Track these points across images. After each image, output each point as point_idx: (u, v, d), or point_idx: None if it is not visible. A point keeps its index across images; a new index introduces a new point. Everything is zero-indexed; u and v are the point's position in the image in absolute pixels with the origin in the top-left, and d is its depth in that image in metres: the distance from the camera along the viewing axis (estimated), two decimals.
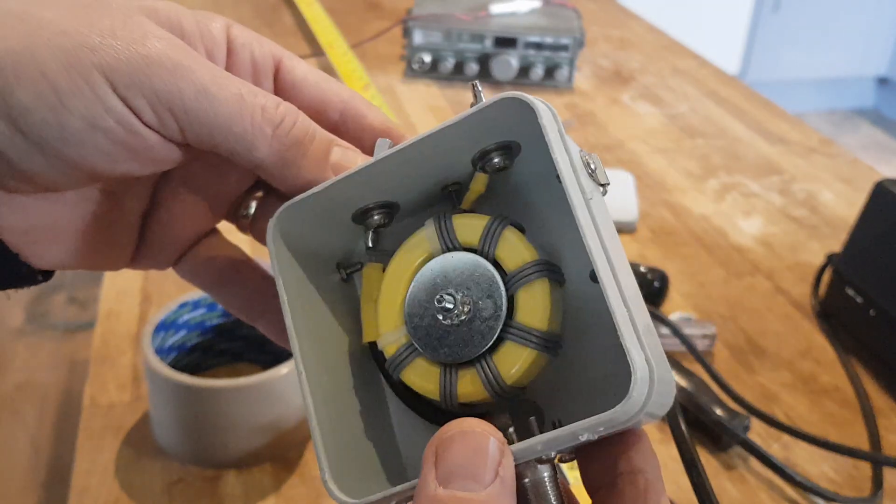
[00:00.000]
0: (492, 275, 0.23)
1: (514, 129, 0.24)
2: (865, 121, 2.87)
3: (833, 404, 0.50)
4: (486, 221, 0.23)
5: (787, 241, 0.67)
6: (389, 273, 0.24)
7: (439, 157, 0.24)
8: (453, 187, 0.25)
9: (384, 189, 0.25)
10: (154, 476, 0.42)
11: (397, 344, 0.24)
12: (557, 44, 0.89)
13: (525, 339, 0.22)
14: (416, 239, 0.24)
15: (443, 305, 0.23)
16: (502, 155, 0.24)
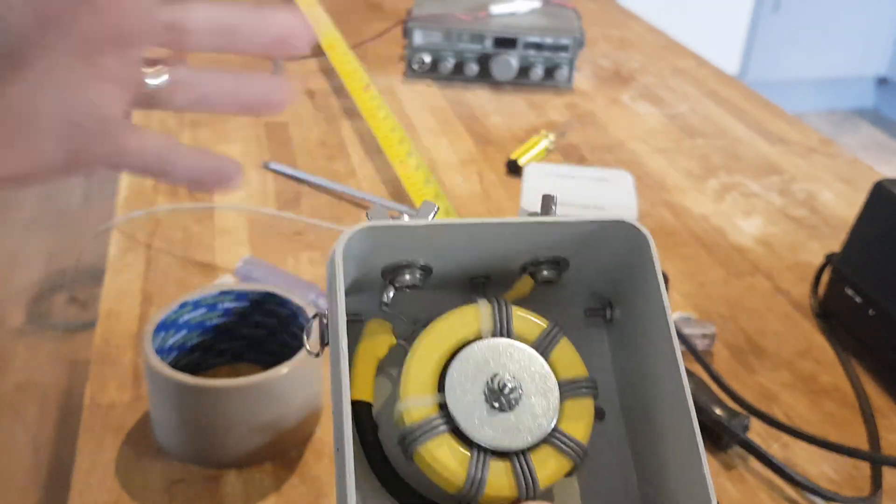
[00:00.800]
0: (549, 375, 0.22)
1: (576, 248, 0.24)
2: (865, 121, 2.87)
3: (832, 404, 0.50)
4: (547, 325, 0.23)
5: (787, 241, 0.67)
6: (429, 337, 0.23)
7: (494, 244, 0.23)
8: (482, 279, 0.25)
9: (427, 253, 0.24)
10: (155, 475, 0.42)
11: (425, 412, 0.22)
12: (557, 44, 0.89)
13: (568, 449, 0.22)
14: (466, 312, 0.23)
15: (498, 387, 0.22)
16: (553, 269, 0.24)
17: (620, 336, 0.25)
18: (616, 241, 0.23)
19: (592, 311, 0.25)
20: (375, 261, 0.24)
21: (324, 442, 0.45)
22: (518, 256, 0.24)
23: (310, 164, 0.74)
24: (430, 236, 0.23)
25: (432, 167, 0.75)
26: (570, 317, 0.25)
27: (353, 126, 0.81)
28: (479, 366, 0.22)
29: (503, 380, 0.22)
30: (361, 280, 0.24)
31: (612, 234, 0.23)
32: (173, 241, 0.61)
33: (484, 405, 0.22)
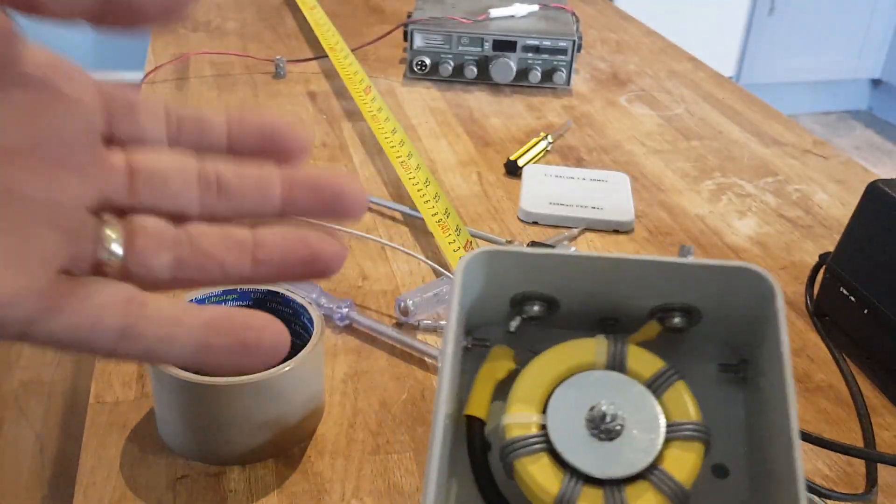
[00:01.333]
0: (657, 415, 0.23)
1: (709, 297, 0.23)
2: (859, 122, 2.88)
3: (827, 402, 0.51)
4: (663, 365, 0.23)
5: (782, 242, 0.68)
6: (543, 360, 0.24)
7: (624, 284, 0.24)
8: (610, 321, 0.25)
9: (558, 286, 0.24)
10: (159, 472, 0.43)
11: (526, 429, 0.23)
12: (556, 47, 0.90)
13: (667, 488, 0.22)
14: (583, 343, 0.24)
15: (599, 416, 0.22)
16: (684, 316, 0.24)
17: (754, 394, 0.24)
18: (746, 290, 0.23)
19: (725, 366, 0.25)
20: (506, 289, 0.25)
21: (326, 439, 0.45)
22: (647, 299, 0.24)
23: (311, 165, 0.74)
24: (557, 268, 0.24)
25: (432, 168, 0.75)
26: (703, 370, 0.25)
27: (354, 127, 0.82)
28: (584, 394, 0.23)
29: (605, 410, 0.22)
30: (493, 307, 0.25)
31: (742, 282, 0.23)
32: None
33: (584, 432, 0.22)
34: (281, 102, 0.87)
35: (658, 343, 0.25)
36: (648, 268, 0.23)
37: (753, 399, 0.24)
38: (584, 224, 0.67)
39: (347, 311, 0.53)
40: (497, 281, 0.24)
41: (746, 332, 0.24)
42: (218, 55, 0.97)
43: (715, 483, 0.23)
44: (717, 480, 0.23)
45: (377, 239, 0.62)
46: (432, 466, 0.21)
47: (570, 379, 0.23)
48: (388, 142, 0.74)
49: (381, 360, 0.51)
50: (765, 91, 2.10)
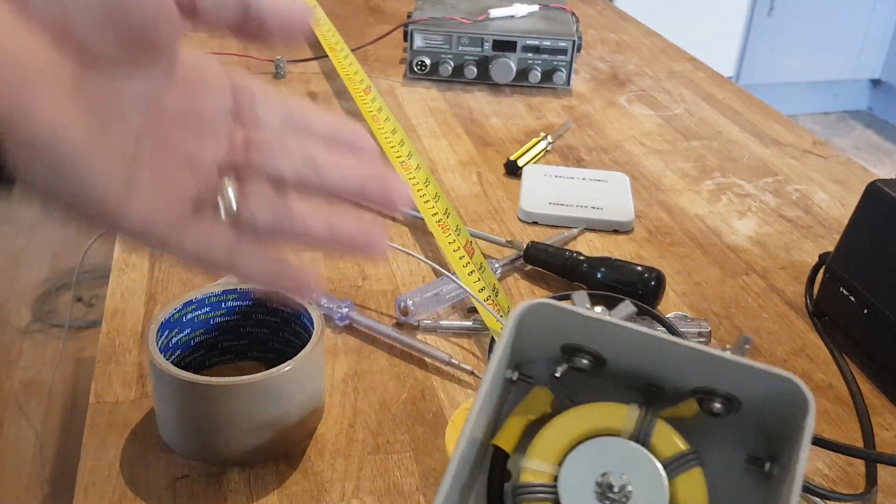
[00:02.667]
0: (664, 494, 0.23)
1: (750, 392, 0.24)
2: (859, 122, 2.88)
3: (827, 402, 0.51)
4: (686, 448, 0.24)
5: (781, 242, 0.68)
6: (573, 414, 0.25)
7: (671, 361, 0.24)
8: (655, 389, 0.26)
9: (608, 346, 0.25)
10: (159, 472, 0.43)
11: (540, 476, 0.24)
12: (555, 47, 0.90)
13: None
14: (615, 408, 0.25)
15: (607, 484, 0.23)
16: (724, 403, 0.25)
17: (774, 491, 0.25)
18: (784, 396, 0.24)
19: (753, 459, 0.25)
20: (561, 338, 0.26)
21: (326, 439, 0.46)
22: (692, 380, 0.25)
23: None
24: (609, 333, 0.25)
25: (432, 168, 0.75)
26: (729, 459, 0.26)
27: None
28: (601, 458, 0.24)
29: (614, 480, 0.23)
30: (545, 349, 0.26)
31: (782, 388, 0.24)
32: None
33: (591, 494, 0.23)
34: None
35: (692, 423, 0.25)
36: (694, 355, 0.24)
37: (772, 493, 0.25)
38: (583, 224, 0.67)
39: (347, 311, 0.53)
40: (552, 328, 0.25)
41: (779, 432, 0.25)
42: (218, 55, 0.97)
43: None
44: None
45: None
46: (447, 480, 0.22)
47: (593, 440, 0.24)
48: (388, 142, 0.74)
49: (381, 360, 0.51)
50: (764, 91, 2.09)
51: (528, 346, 0.26)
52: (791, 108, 2.81)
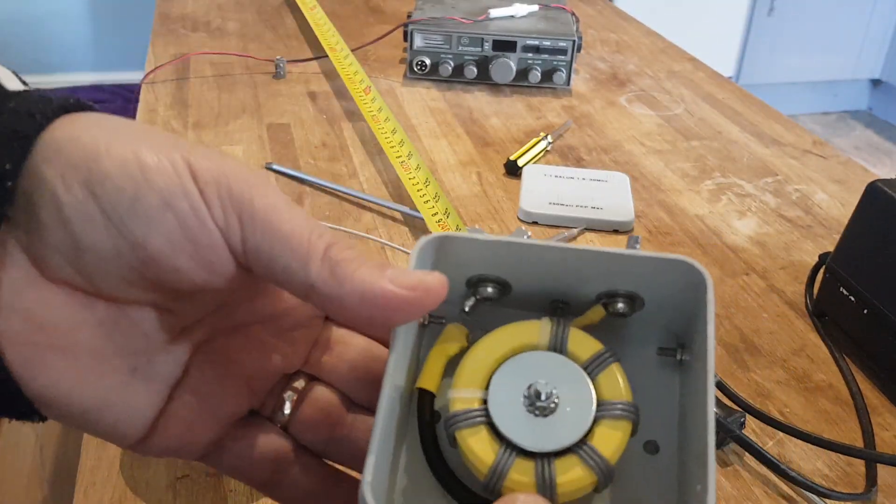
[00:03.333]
0: (589, 393, 0.24)
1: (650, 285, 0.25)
2: (859, 122, 2.88)
3: (827, 402, 0.51)
4: (601, 348, 0.25)
5: (781, 241, 0.68)
6: (489, 340, 0.25)
7: (572, 271, 0.25)
8: (561, 304, 0.27)
9: (510, 271, 0.26)
10: (159, 472, 0.43)
11: (468, 403, 0.24)
12: (555, 47, 0.90)
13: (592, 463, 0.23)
14: (528, 325, 0.25)
15: (535, 394, 0.24)
16: (627, 303, 0.26)
17: (687, 376, 0.26)
18: (683, 281, 0.25)
19: (664, 350, 0.27)
20: (463, 271, 0.26)
21: None
22: (595, 286, 0.26)
23: (311, 165, 0.75)
24: (509, 254, 0.25)
25: (432, 168, 0.75)
26: (643, 355, 0.27)
27: (354, 127, 0.82)
28: (524, 372, 0.24)
29: (541, 388, 0.24)
30: (451, 289, 0.26)
31: (679, 274, 0.25)
32: None
33: (521, 408, 0.24)
34: (281, 103, 0.87)
35: (603, 327, 0.26)
36: (594, 257, 0.25)
37: (686, 381, 0.26)
38: (583, 224, 0.67)
39: None
40: (454, 263, 0.26)
41: (684, 320, 0.26)
42: (218, 55, 0.97)
43: (646, 458, 0.25)
44: (648, 456, 0.25)
45: (377, 239, 0.62)
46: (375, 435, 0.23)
47: (513, 359, 0.25)
48: (388, 142, 0.74)
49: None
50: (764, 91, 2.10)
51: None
52: (791, 108, 2.82)
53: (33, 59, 2.59)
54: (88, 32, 2.63)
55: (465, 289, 0.27)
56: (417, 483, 0.25)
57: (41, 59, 2.60)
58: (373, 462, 0.22)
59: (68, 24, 2.59)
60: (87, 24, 2.62)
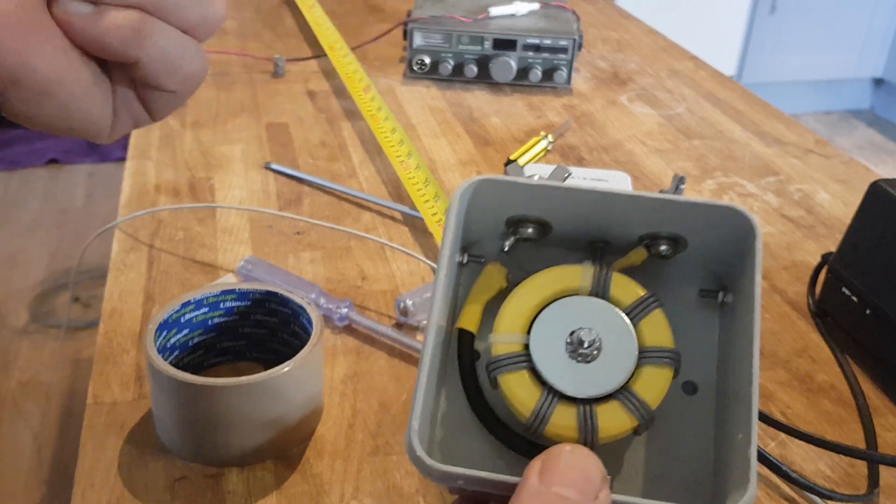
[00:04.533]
0: (632, 339, 0.24)
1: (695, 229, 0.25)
2: (861, 122, 2.88)
3: (829, 403, 0.51)
4: (644, 294, 0.25)
5: (783, 241, 0.67)
6: (531, 284, 0.25)
7: (615, 213, 0.25)
8: (601, 244, 0.27)
9: (551, 211, 0.26)
10: (157, 473, 0.43)
11: (511, 348, 0.24)
12: (556, 46, 0.90)
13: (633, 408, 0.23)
14: (570, 269, 0.25)
15: (578, 340, 0.24)
16: (670, 245, 0.26)
17: (729, 320, 0.26)
18: (730, 227, 0.25)
19: (706, 292, 0.27)
20: (503, 211, 0.26)
21: (325, 440, 0.45)
22: (637, 228, 0.26)
23: (311, 164, 0.74)
24: (552, 197, 0.25)
25: (432, 168, 0.75)
26: (684, 296, 0.27)
27: (353, 127, 0.82)
28: (566, 318, 0.25)
29: (584, 335, 0.24)
30: (490, 226, 0.26)
31: (726, 219, 0.25)
32: (175, 241, 0.62)
33: (564, 353, 0.24)
34: (280, 102, 0.86)
35: (644, 268, 0.26)
36: (639, 202, 0.25)
37: (727, 323, 0.26)
38: None
39: (347, 312, 0.53)
40: (495, 204, 0.26)
41: (727, 263, 0.26)
42: (216, 54, 0.96)
43: (684, 398, 0.26)
44: (686, 396, 0.26)
45: (377, 239, 0.62)
46: (421, 381, 0.23)
47: (555, 303, 0.25)
48: (387, 141, 0.73)
49: (381, 360, 0.51)
50: (766, 90, 2.09)
51: (474, 226, 0.27)
52: (793, 108, 2.81)
53: None
54: None
55: (504, 228, 0.27)
56: (457, 424, 0.25)
57: None
58: (419, 409, 0.23)
59: None
60: None
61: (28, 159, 2.19)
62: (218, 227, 0.64)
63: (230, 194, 0.69)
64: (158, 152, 0.75)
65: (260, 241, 0.62)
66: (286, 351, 0.48)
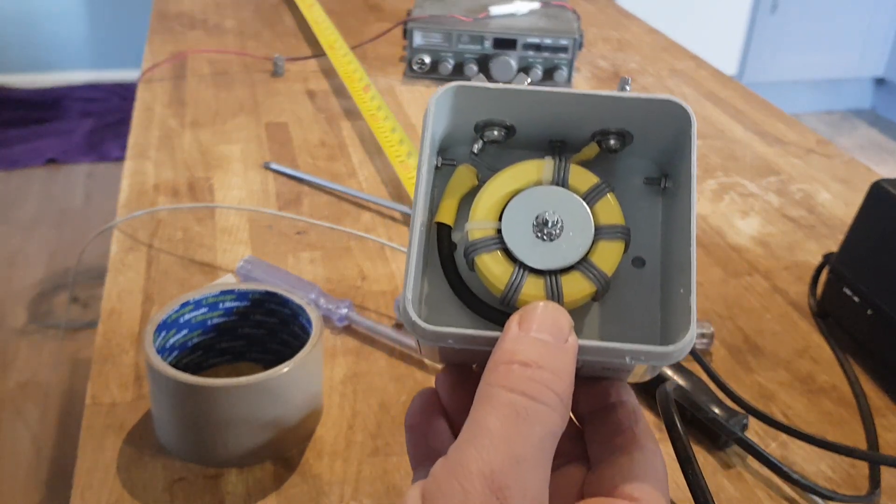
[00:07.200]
0: (588, 219, 0.28)
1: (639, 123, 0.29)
2: (862, 121, 2.87)
3: (830, 403, 0.50)
4: (598, 181, 0.29)
5: (785, 241, 0.67)
6: (501, 177, 0.29)
7: (570, 114, 0.29)
8: (558, 143, 0.30)
9: (515, 115, 0.30)
10: (156, 474, 0.43)
11: (485, 232, 0.28)
12: (556, 45, 0.89)
13: (592, 276, 0.27)
14: (533, 164, 0.29)
15: (542, 221, 0.28)
16: (618, 139, 0.29)
17: (671, 202, 0.30)
18: (669, 119, 0.28)
19: (650, 180, 0.31)
20: (471, 117, 0.30)
21: (324, 441, 0.45)
22: (590, 125, 0.30)
23: (310, 164, 0.74)
24: (515, 100, 0.29)
25: None
26: (632, 184, 0.31)
27: (353, 126, 0.81)
28: (532, 204, 0.28)
29: (548, 217, 0.28)
30: (460, 133, 0.30)
31: (666, 111, 0.28)
32: (174, 241, 0.62)
33: (531, 234, 0.28)
34: (279, 101, 0.86)
35: (598, 162, 0.30)
36: (589, 100, 0.28)
37: (669, 204, 0.30)
38: None
39: (346, 312, 0.53)
40: (464, 111, 0.29)
41: (668, 152, 0.30)
42: (216, 53, 0.96)
43: (634, 271, 0.30)
44: (636, 270, 0.30)
45: (377, 239, 0.62)
46: (412, 258, 0.26)
47: (522, 193, 0.29)
48: (387, 141, 0.73)
49: (381, 361, 0.51)
50: (767, 90, 2.09)
51: (447, 133, 0.30)
52: (794, 107, 2.81)
53: (30, 57, 2.59)
54: (85, 30, 2.63)
55: (473, 133, 0.30)
56: (440, 305, 0.29)
57: (37, 58, 2.60)
58: (412, 280, 0.26)
59: (65, 22, 2.59)
60: (84, 22, 2.61)
61: (27, 159, 2.19)
62: (217, 227, 0.64)
63: (229, 194, 0.69)
64: (157, 152, 0.75)
65: (259, 241, 0.62)
66: (286, 351, 0.48)
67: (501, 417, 0.22)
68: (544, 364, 0.23)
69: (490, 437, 0.22)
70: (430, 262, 0.30)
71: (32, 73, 2.60)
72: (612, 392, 0.28)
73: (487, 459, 0.21)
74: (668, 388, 0.35)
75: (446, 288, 0.29)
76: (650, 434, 0.27)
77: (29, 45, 2.58)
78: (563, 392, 0.23)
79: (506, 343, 0.24)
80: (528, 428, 0.22)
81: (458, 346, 0.26)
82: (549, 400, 0.23)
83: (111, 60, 2.65)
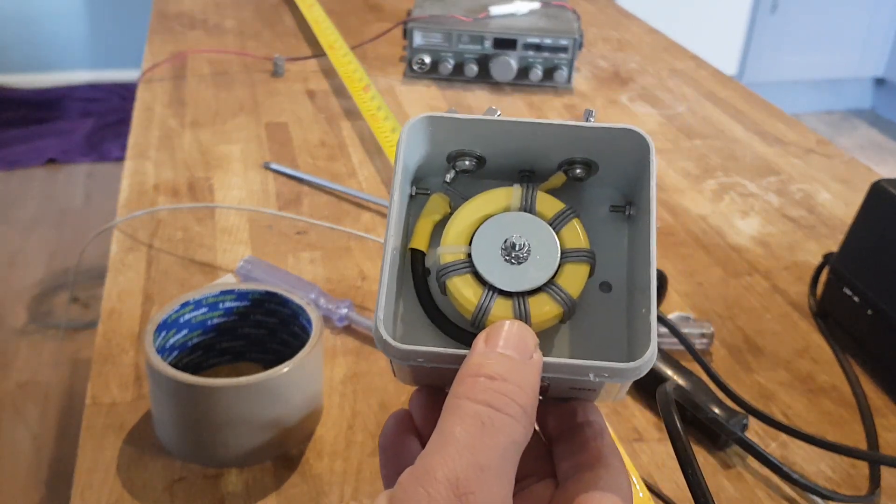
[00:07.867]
0: (554, 243, 0.29)
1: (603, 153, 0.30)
2: (862, 121, 2.87)
3: (830, 403, 0.50)
4: (564, 207, 0.30)
5: (785, 241, 0.67)
6: (471, 204, 0.30)
7: (538, 144, 0.30)
8: (527, 173, 0.31)
9: (485, 146, 0.31)
10: (156, 474, 0.43)
11: (456, 256, 0.29)
12: (556, 45, 0.89)
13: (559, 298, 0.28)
14: (502, 191, 0.30)
15: (511, 245, 0.29)
16: (584, 168, 0.31)
17: (634, 227, 0.31)
18: (631, 147, 0.29)
19: (616, 207, 0.32)
20: (444, 148, 0.31)
21: (324, 440, 0.45)
22: (556, 155, 0.31)
23: (310, 164, 0.74)
24: (484, 130, 0.30)
25: None
26: (599, 212, 0.32)
27: (353, 126, 0.81)
28: (501, 229, 0.29)
29: (516, 241, 0.29)
30: (434, 163, 0.31)
31: (627, 140, 0.29)
32: (174, 241, 0.62)
33: (500, 258, 0.29)
34: (279, 101, 0.86)
35: (564, 190, 0.31)
36: (556, 130, 0.30)
37: (633, 231, 0.31)
38: None
39: (346, 312, 0.53)
40: (437, 141, 0.31)
41: (632, 180, 0.31)
42: (216, 53, 0.96)
43: (601, 296, 0.31)
44: (603, 294, 0.31)
45: (377, 239, 0.62)
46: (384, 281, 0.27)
47: (491, 219, 0.30)
48: (387, 141, 0.73)
49: (381, 361, 0.51)
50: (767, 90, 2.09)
51: (421, 163, 0.32)
52: (794, 107, 2.81)
53: (30, 57, 2.59)
54: (85, 30, 2.63)
55: (446, 163, 0.31)
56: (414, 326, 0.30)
57: (38, 58, 2.60)
58: (383, 304, 0.27)
59: (65, 22, 2.59)
60: (84, 22, 2.61)
61: (27, 159, 2.19)
62: (217, 227, 0.64)
63: (229, 194, 0.69)
64: (157, 152, 0.75)
65: (259, 241, 0.62)
66: (286, 351, 0.48)
67: (467, 427, 0.23)
68: (509, 378, 0.24)
69: (455, 446, 0.23)
70: (405, 285, 0.31)
71: (33, 73, 2.60)
72: (579, 412, 0.29)
73: (452, 466, 0.22)
74: (668, 388, 0.35)
75: (421, 312, 0.30)
76: (616, 452, 0.28)
77: (29, 45, 2.58)
78: (527, 405, 0.24)
79: (473, 358, 0.25)
80: (493, 437, 0.23)
81: (428, 364, 0.27)
82: (513, 411, 0.24)
83: (111, 60, 2.65)
